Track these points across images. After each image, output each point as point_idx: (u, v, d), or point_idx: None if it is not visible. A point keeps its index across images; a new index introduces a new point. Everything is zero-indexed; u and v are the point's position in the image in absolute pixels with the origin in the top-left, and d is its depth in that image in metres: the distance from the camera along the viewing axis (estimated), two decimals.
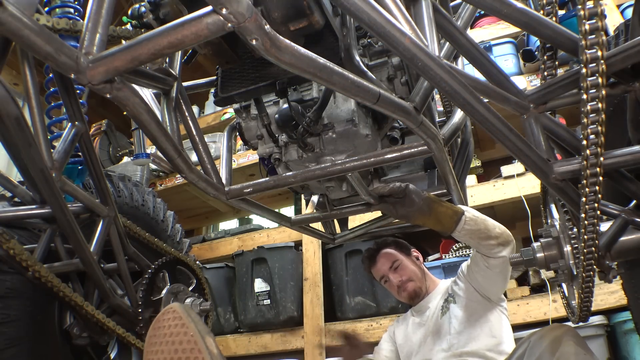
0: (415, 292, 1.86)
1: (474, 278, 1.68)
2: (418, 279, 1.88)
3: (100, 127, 3.70)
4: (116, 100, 0.84)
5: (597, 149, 0.85)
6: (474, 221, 1.45)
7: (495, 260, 1.55)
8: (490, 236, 1.50)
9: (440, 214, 1.41)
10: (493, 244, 1.51)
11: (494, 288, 1.67)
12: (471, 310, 1.70)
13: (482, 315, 1.69)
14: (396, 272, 1.87)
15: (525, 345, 1.28)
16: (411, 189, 1.37)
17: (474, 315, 1.69)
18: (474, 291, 1.70)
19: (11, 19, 0.69)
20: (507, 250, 1.52)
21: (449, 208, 1.42)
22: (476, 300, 1.70)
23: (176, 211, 2.18)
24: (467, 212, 1.45)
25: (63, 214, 1.32)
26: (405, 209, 1.38)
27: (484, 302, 1.70)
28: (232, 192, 1.32)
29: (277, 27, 0.99)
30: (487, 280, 1.65)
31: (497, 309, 1.71)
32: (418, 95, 1.06)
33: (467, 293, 1.72)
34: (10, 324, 1.33)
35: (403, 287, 1.85)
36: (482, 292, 1.69)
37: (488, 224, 1.50)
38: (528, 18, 1.08)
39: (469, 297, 1.71)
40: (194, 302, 1.67)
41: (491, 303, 1.70)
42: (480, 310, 1.69)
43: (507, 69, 3.08)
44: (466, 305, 1.71)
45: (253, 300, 3.11)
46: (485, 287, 1.68)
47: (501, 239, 1.52)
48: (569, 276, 1.16)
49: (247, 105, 1.35)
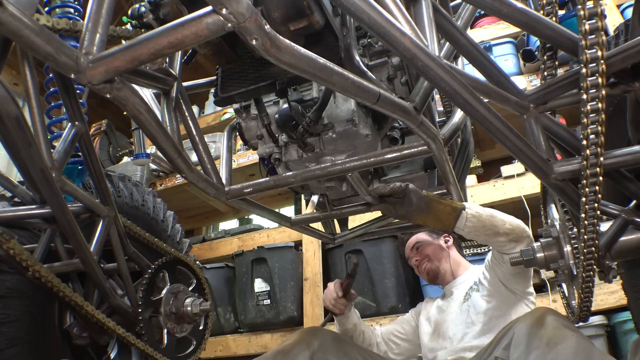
0: (433, 271, 1.94)
1: (494, 270, 1.66)
2: (437, 259, 1.95)
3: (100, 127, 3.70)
4: (116, 100, 0.84)
5: (597, 149, 0.85)
6: (477, 218, 1.42)
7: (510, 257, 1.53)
8: (499, 233, 1.46)
9: (439, 212, 1.40)
10: (503, 241, 1.48)
11: (514, 282, 1.65)
12: (493, 301, 1.67)
13: (503, 309, 1.65)
14: (417, 253, 1.99)
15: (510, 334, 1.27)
16: (411, 189, 1.37)
17: (494, 307, 1.66)
18: (498, 281, 1.67)
19: (11, 19, 0.69)
20: (522, 246, 1.48)
21: (447, 205, 1.41)
22: (499, 291, 1.67)
23: (176, 211, 2.18)
24: (469, 208, 1.43)
25: (63, 214, 1.32)
26: (404, 209, 1.38)
27: (508, 295, 1.66)
28: (232, 192, 1.32)
29: (277, 27, 0.99)
30: (506, 275, 1.63)
31: (523, 302, 1.68)
32: (418, 95, 1.06)
33: (491, 284, 1.69)
34: (10, 324, 1.33)
35: (420, 265, 1.97)
36: (506, 283, 1.66)
37: (495, 220, 1.46)
38: (528, 18, 1.08)
39: (494, 288, 1.68)
40: (194, 302, 1.67)
41: (516, 296, 1.67)
42: (502, 303, 1.66)
43: (507, 69, 3.07)
44: (488, 295, 1.69)
45: (253, 300, 3.11)
46: (506, 280, 1.65)
47: (512, 235, 1.48)
48: (569, 276, 1.16)
49: (247, 105, 1.35)
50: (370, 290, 2.89)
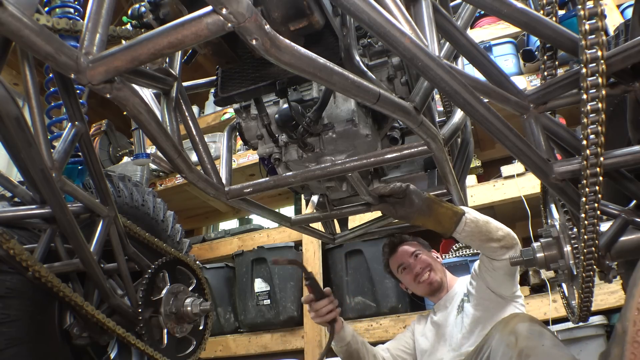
0: (436, 282, 1.88)
1: (483, 277, 1.68)
2: (439, 271, 1.91)
3: (100, 127, 3.70)
4: (116, 100, 0.84)
5: (597, 149, 0.85)
6: (475, 223, 1.44)
7: (499, 262, 1.55)
8: (492, 238, 1.49)
9: (440, 215, 1.39)
10: (495, 247, 1.50)
11: (502, 287, 1.67)
12: (484, 308, 1.68)
13: (495, 314, 1.66)
14: (417, 260, 1.90)
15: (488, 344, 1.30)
16: (411, 190, 1.36)
17: (486, 314, 1.67)
18: (486, 289, 1.69)
19: (11, 19, 0.69)
20: (511, 253, 1.50)
21: (449, 209, 1.41)
22: (489, 298, 1.69)
23: (176, 211, 2.18)
24: (467, 213, 1.44)
25: (63, 214, 1.32)
26: (405, 210, 1.37)
27: (497, 300, 1.68)
28: (232, 192, 1.33)
29: (277, 27, 0.99)
30: (495, 281, 1.65)
31: (512, 305, 1.69)
32: (418, 95, 1.06)
33: (480, 291, 1.71)
34: (10, 324, 1.33)
35: (422, 274, 1.87)
36: (495, 290, 1.67)
37: (490, 227, 1.48)
38: (528, 18, 1.08)
39: (482, 296, 1.70)
40: (194, 302, 1.67)
41: (505, 300, 1.69)
42: (494, 309, 1.68)
43: (507, 69, 3.08)
44: (479, 303, 1.70)
45: (253, 300, 3.11)
46: (495, 286, 1.67)
47: (504, 241, 1.51)
48: (569, 276, 1.16)
49: (247, 105, 1.35)
50: (370, 290, 2.89)
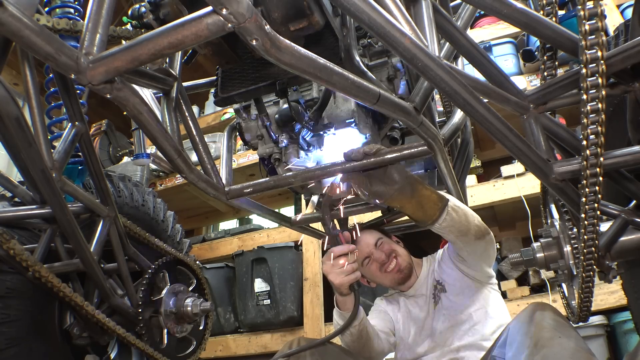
0: (407, 268, 1.67)
1: (457, 266, 1.61)
2: (404, 255, 1.70)
3: (100, 127, 3.70)
4: (116, 101, 0.84)
5: (597, 149, 0.85)
6: (456, 211, 1.30)
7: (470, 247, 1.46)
8: (470, 229, 1.37)
9: (424, 198, 1.23)
10: (471, 237, 1.39)
11: (479, 273, 1.59)
12: (462, 298, 1.61)
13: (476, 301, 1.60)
14: (381, 249, 1.67)
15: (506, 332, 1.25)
16: (394, 165, 1.19)
17: (465, 303, 1.60)
18: (463, 277, 1.61)
19: (11, 19, 0.69)
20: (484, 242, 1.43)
21: (433, 192, 1.26)
22: (467, 285, 1.61)
23: (176, 211, 2.18)
24: (450, 199, 1.30)
25: (63, 214, 1.32)
26: (383, 186, 1.18)
27: (474, 286, 1.61)
28: (232, 192, 1.33)
29: (277, 27, 0.99)
30: (470, 268, 1.58)
31: (487, 288, 1.63)
32: (418, 95, 1.06)
33: (456, 279, 1.63)
34: (10, 324, 1.33)
35: (389, 263, 1.64)
36: (472, 276, 1.60)
37: (468, 214, 1.36)
38: (528, 18, 1.08)
39: (460, 285, 1.61)
40: (194, 302, 1.67)
41: (482, 284, 1.62)
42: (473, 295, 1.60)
43: (507, 69, 3.08)
44: (458, 293, 1.62)
45: (253, 300, 3.11)
46: (472, 273, 1.60)
47: (479, 231, 1.40)
48: (569, 276, 1.17)
49: (247, 106, 1.35)
50: (370, 290, 2.89)
